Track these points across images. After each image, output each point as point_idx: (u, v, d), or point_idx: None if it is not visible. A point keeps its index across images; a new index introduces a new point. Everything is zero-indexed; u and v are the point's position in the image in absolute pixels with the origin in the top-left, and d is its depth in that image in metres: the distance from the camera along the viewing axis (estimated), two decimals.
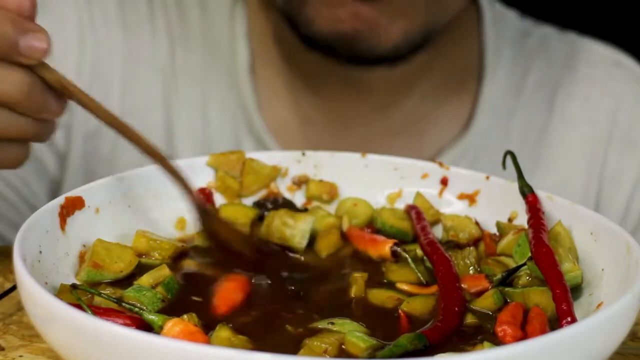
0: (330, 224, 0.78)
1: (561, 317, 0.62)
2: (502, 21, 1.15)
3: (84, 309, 0.59)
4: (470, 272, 0.71)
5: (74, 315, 0.54)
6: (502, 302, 0.67)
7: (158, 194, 0.74)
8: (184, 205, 0.75)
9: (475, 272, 0.71)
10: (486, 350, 0.57)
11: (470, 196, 0.79)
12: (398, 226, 0.77)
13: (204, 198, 0.79)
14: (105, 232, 0.72)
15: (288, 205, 0.80)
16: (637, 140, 1.12)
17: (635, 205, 1.11)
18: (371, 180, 0.81)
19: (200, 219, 0.73)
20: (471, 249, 0.73)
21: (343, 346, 0.61)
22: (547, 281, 0.65)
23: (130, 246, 0.72)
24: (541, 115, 1.12)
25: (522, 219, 0.73)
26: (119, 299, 0.64)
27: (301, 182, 0.82)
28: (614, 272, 0.66)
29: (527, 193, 0.74)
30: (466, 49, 1.13)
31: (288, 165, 0.82)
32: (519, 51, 1.14)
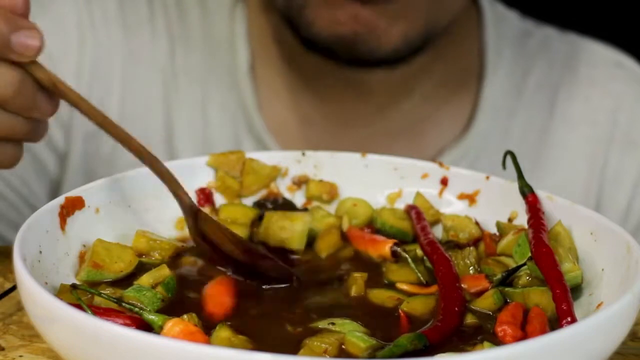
0: (330, 224, 0.78)
1: (561, 317, 0.62)
2: (503, 22, 1.15)
3: (84, 309, 0.59)
4: (470, 272, 0.71)
5: (74, 315, 0.54)
6: (502, 302, 0.67)
7: (158, 194, 0.74)
8: None
9: (475, 272, 0.71)
10: (486, 350, 0.57)
11: (470, 196, 0.79)
12: (398, 226, 0.77)
13: (203, 199, 0.79)
14: (105, 232, 0.72)
15: (288, 205, 0.80)
16: (638, 141, 1.12)
17: (636, 206, 1.11)
18: (371, 180, 0.81)
19: (189, 221, 0.73)
20: (471, 249, 0.73)
21: (343, 346, 0.61)
22: (547, 281, 0.65)
23: (130, 246, 0.71)
24: (542, 115, 1.12)
25: (522, 219, 0.73)
26: (119, 299, 0.64)
27: (301, 182, 0.82)
28: (614, 272, 0.66)
29: (527, 193, 0.74)
30: (467, 50, 1.13)
31: (288, 165, 0.82)
32: (520, 51, 1.14)
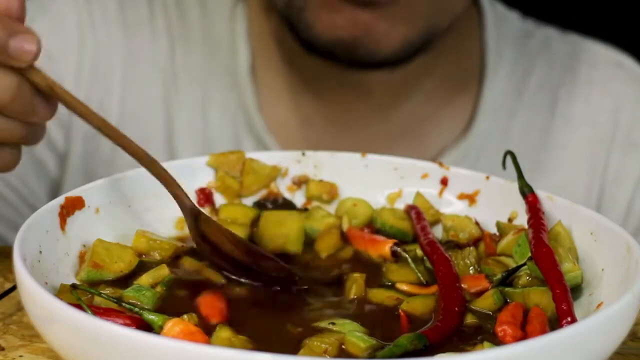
0: (330, 224, 0.78)
1: (561, 317, 0.62)
2: (504, 22, 1.14)
3: (84, 309, 0.59)
4: (470, 272, 0.71)
5: (74, 315, 0.54)
6: (502, 302, 0.67)
7: (158, 194, 0.74)
8: None
9: (475, 272, 0.71)
10: (486, 350, 0.57)
11: (470, 196, 0.79)
12: (398, 226, 0.77)
13: (203, 199, 0.79)
14: (105, 232, 0.72)
15: (288, 205, 0.80)
16: (639, 141, 1.12)
17: (637, 206, 1.11)
18: (371, 180, 0.81)
19: (190, 223, 0.73)
20: (471, 249, 0.73)
21: (343, 346, 0.61)
22: (547, 281, 0.65)
23: (130, 246, 0.71)
24: (542, 116, 1.12)
25: (522, 219, 0.73)
26: (118, 298, 0.64)
27: (301, 182, 0.82)
28: (614, 272, 0.66)
29: (527, 193, 0.74)
30: (467, 50, 1.13)
31: (288, 165, 0.82)
32: (521, 52, 1.14)
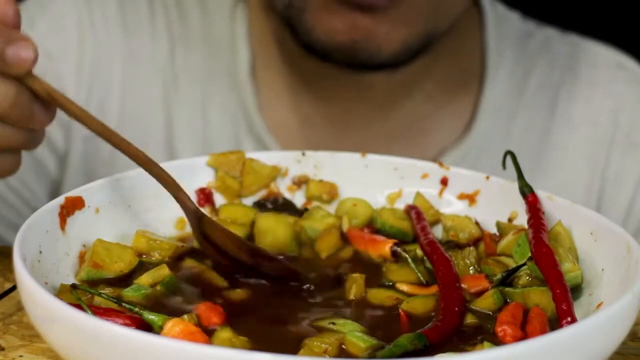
0: (330, 224, 0.78)
1: (561, 317, 0.62)
2: (504, 22, 1.14)
3: (84, 309, 0.59)
4: (470, 272, 0.71)
5: (74, 315, 0.54)
6: (502, 302, 0.67)
7: (158, 194, 0.74)
8: None
9: (475, 272, 0.71)
10: (486, 350, 0.57)
11: (470, 196, 0.79)
12: (398, 226, 0.77)
13: (203, 199, 0.79)
14: (105, 232, 0.72)
15: (288, 205, 0.80)
16: (639, 142, 1.12)
17: (637, 207, 1.10)
18: (371, 180, 0.81)
19: (193, 225, 0.73)
20: (471, 249, 0.73)
21: (343, 346, 0.61)
22: (547, 281, 0.65)
23: (130, 246, 0.71)
24: (543, 116, 1.12)
25: (522, 219, 0.73)
26: (118, 298, 0.64)
27: (301, 182, 0.82)
28: (614, 272, 0.66)
29: (527, 193, 0.74)
30: (468, 50, 1.13)
31: (288, 165, 0.82)
32: (521, 52, 1.14)
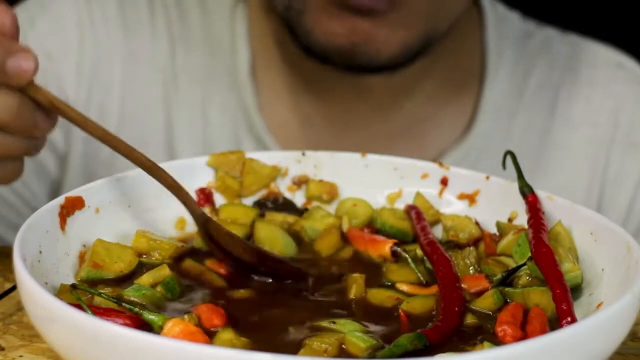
0: (330, 224, 0.78)
1: (561, 317, 0.62)
2: (504, 22, 1.14)
3: (84, 309, 0.59)
4: (470, 272, 0.71)
5: (74, 315, 0.54)
6: (502, 302, 0.67)
7: (158, 194, 0.74)
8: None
9: (475, 272, 0.71)
10: (486, 350, 0.57)
11: (470, 196, 0.79)
12: (398, 226, 0.77)
13: (203, 199, 0.79)
14: (105, 232, 0.72)
15: (288, 205, 0.80)
16: (639, 142, 1.12)
17: (637, 207, 1.10)
18: (371, 180, 0.81)
19: (200, 227, 0.73)
20: (471, 249, 0.73)
21: (343, 346, 0.61)
22: (547, 281, 0.65)
23: (130, 246, 0.71)
24: (543, 116, 1.12)
25: (522, 219, 0.73)
26: (118, 298, 0.64)
27: (301, 182, 0.82)
28: (614, 272, 0.66)
29: (527, 193, 0.74)
30: (468, 50, 1.13)
31: (288, 165, 0.82)
32: (521, 52, 1.14)
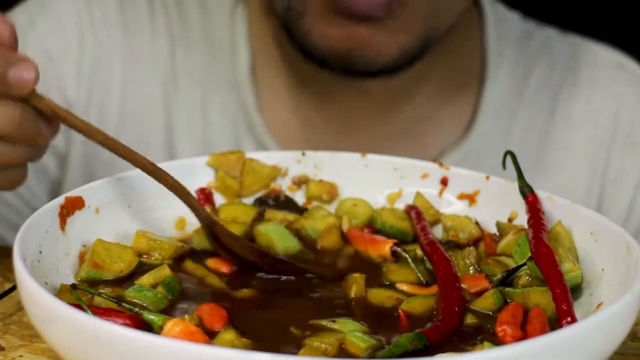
0: (331, 224, 0.78)
1: (561, 317, 0.62)
2: (504, 23, 1.14)
3: (84, 309, 0.59)
4: (470, 272, 0.71)
5: (74, 315, 0.54)
6: (502, 302, 0.67)
7: (158, 194, 0.74)
8: (184, 205, 0.75)
9: (475, 272, 0.71)
10: (486, 350, 0.57)
11: (470, 196, 0.79)
12: (398, 226, 0.77)
13: (203, 199, 0.79)
14: (105, 232, 0.72)
15: (289, 203, 0.80)
16: (639, 142, 1.12)
17: (637, 207, 1.10)
18: (371, 180, 0.81)
19: (206, 231, 0.73)
20: (471, 249, 0.73)
21: (343, 346, 0.61)
22: (547, 281, 0.65)
23: (130, 246, 0.72)
24: (543, 116, 1.12)
25: (522, 219, 0.73)
26: (118, 298, 0.64)
27: (301, 182, 0.82)
28: (614, 272, 0.66)
29: (527, 193, 0.74)
30: (468, 51, 1.13)
31: (288, 165, 0.82)
32: (521, 53, 1.14)
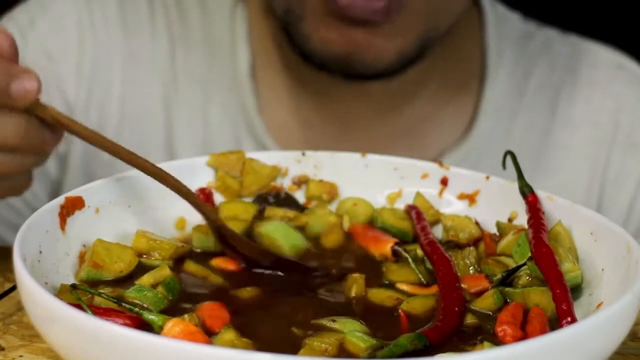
0: (333, 222, 0.78)
1: (561, 317, 0.62)
2: (505, 23, 1.14)
3: (84, 309, 0.59)
4: (470, 272, 0.71)
5: (74, 315, 0.54)
6: (502, 302, 0.67)
7: (158, 193, 0.74)
8: (184, 205, 0.75)
9: (475, 272, 0.71)
10: (486, 350, 0.57)
11: (470, 196, 0.79)
12: (398, 226, 0.77)
13: (203, 199, 0.79)
14: (105, 232, 0.72)
15: (289, 200, 0.80)
16: (639, 142, 1.12)
17: (637, 207, 1.10)
18: (371, 180, 0.81)
19: (215, 233, 0.74)
20: (471, 249, 0.73)
21: (343, 346, 0.61)
22: (547, 281, 0.65)
23: (130, 246, 0.72)
24: (543, 116, 1.12)
25: (522, 219, 0.73)
26: (118, 298, 0.64)
27: (301, 182, 0.82)
28: (614, 272, 0.66)
29: (527, 193, 0.74)
30: (468, 51, 1.13)
31: (288, 165, 0.82)
32: (521, 53, 1.14)
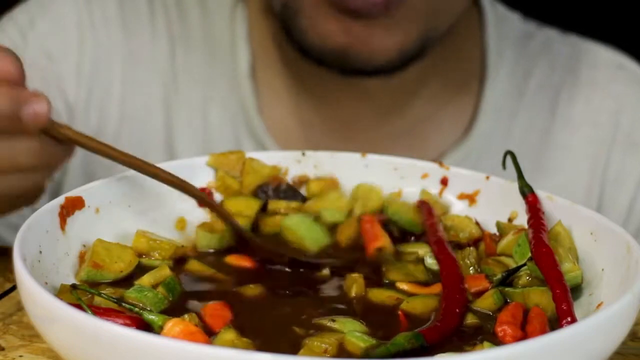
0: (342, 207, 0.78)
1: (561, 317, 0.62)
2: (505, 23, 1.14)
3: (84, 309, 0.59)
4: (471, 272, 0.71)
5: (74, 315, 0.54)
6: (502, 302, 0.67)
7: (158, 194, 0.74)
8: (184, 205, 0.75)
9: (475, 272, 0.71)
10: (486, 350, 0.57)
11: (470, 196, 0.79)
12: (408, 217, 0.77)
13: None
14: (105, 232, 0.72)
15: (290, 191, 0.80)
16: (639, 142, 1.12)
17: (637, 207, 1.10)
18: (371, 180, 0.81)
19: (232, 230, 0.74)
20: (471, 249, 0.73)
21: (343, 345, 0.61)
22: (547, 281, 0.65)
23: (130, 246, 0.72)
24: (543, 117, 1.12)
25: (522, 219, 0.73)
26: (119, 298, 0.64)
27: (301, 182, 0.82)
28: (614, 272, 0.66)
29: (527, 193, 0.74)
30: (468, 51, 1.13)
31: (288, 165, 0.82)
32: (522, 53, 1.14)
